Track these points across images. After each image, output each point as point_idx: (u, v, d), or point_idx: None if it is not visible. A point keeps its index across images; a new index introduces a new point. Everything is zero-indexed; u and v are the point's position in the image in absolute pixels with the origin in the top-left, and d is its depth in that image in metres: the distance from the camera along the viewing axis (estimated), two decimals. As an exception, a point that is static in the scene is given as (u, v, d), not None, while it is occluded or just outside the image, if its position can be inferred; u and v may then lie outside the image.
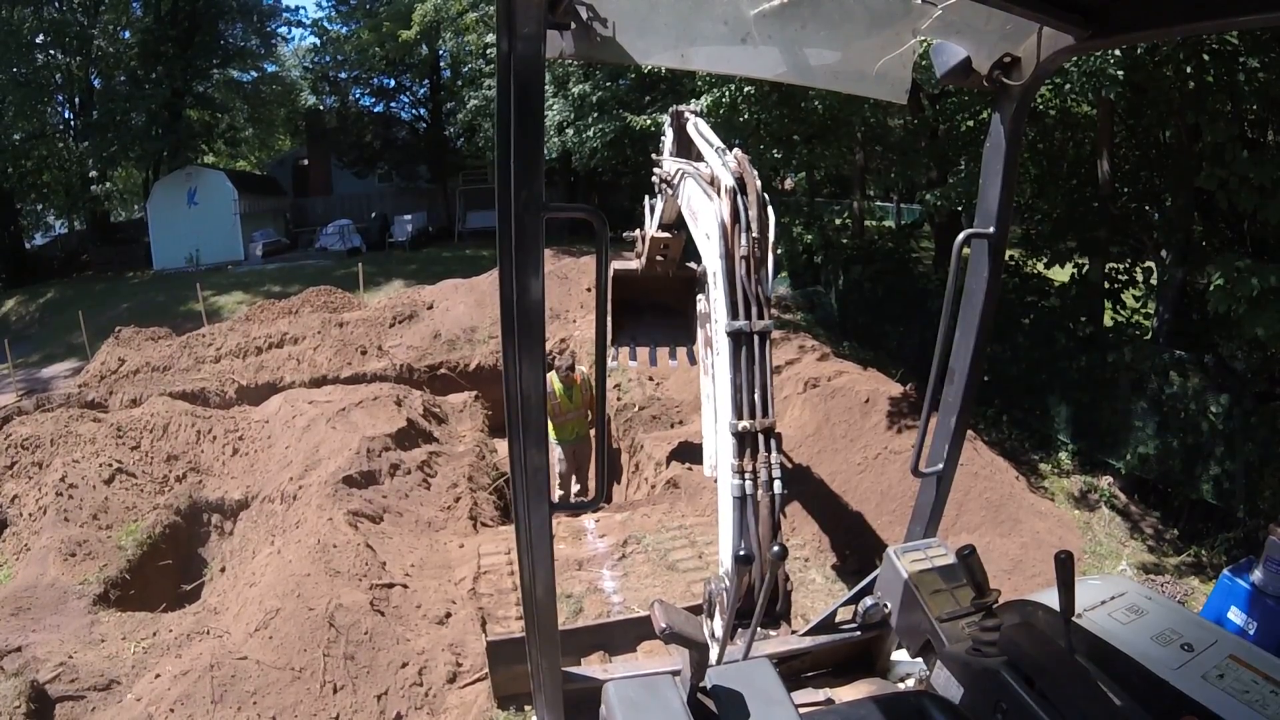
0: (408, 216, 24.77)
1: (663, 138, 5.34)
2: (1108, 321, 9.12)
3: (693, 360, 6.23)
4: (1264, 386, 6.83)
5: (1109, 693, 1.74)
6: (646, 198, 5.55)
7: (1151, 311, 8.82)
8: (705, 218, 3.43)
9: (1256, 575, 4.05)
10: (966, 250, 2.35)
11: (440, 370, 11.09)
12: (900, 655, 2.66)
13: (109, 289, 21.76)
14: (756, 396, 3.02)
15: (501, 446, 8.31)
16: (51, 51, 23.15)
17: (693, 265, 5.73)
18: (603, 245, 1.62)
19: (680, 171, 4.02)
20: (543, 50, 1.41)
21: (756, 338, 3.06)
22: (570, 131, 15.71)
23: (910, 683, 2.63)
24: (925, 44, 2.14)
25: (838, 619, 2.78)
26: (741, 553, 2.26)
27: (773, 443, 2.99)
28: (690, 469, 6.83)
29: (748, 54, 1.99)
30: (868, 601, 2.54)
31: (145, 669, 4.59)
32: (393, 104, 28.32)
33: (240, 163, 32.34)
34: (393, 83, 27.42)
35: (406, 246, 23.68)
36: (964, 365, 2.41)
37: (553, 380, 7.02)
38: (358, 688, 4.20)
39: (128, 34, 24.20)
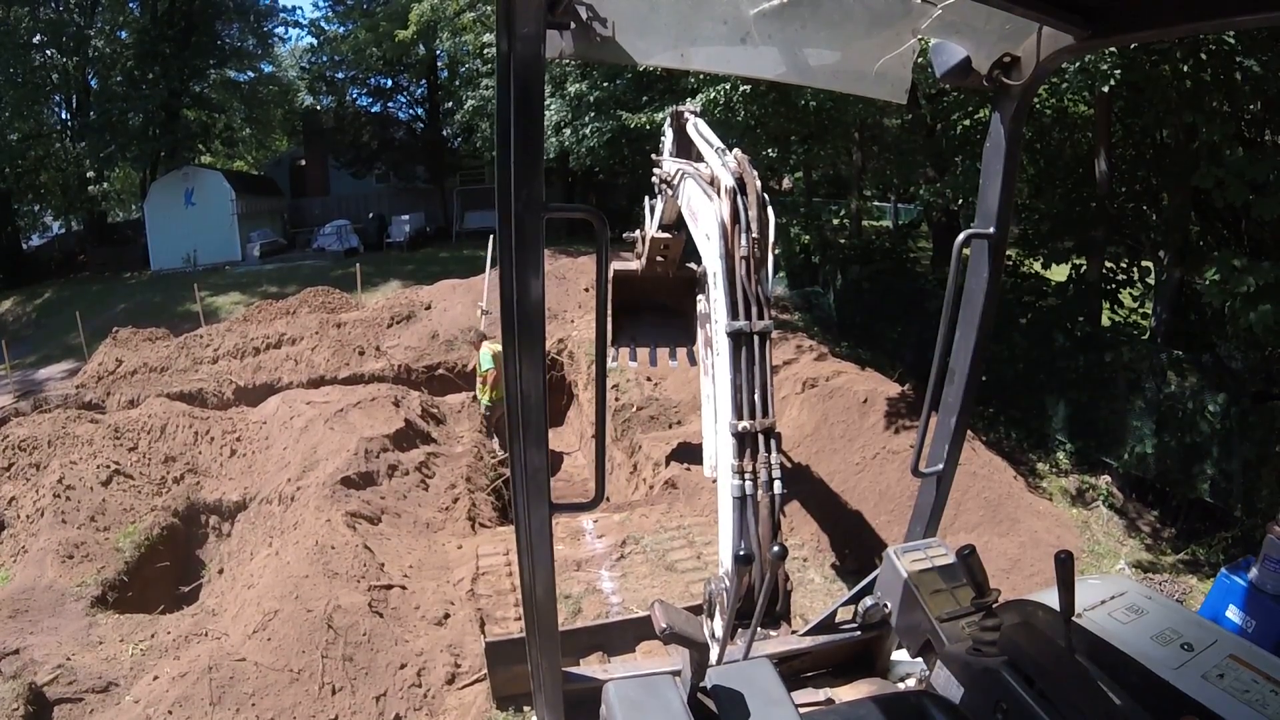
0: (405, 217, 24.64)
1: (662, 138, 5.34)
2: (1105, 321, 9.12)
3: (693, 361, 6.23)
4: (1261, 386, 6.84)
5: (1109, 693, 1.74)
6: (646, 198, 5.54)
7: (1149, 311, 8.82)
8: (705, 218, 3.43)
9: (1254, 574, 4.06)
10: (966, 250, 2.35)
11: (438, 371, 11.08)
12: (900, 655, 2.66)
13: (106, 289, 21.68)
14: (756, 397, 3.02)
15: (500, 447, 8.32)
16: (48, 52, 23.05)
17: (693, 266, 5.73)
18: (603, 245, 1.62)
19: (680, 172, 4.02)
20: (543, 50, 1.41)
21: (756, 338, 3.06)
22: (567, 131, 15.67)
23: (910, 683, 2.63)
24: (925, 44, 2.14)
25: (838, 619, 2.78)
26: (741, 553, 2.26)
27: (773, 443, 3.00)
28: (689, 469, 6.83)
29: (747, 54, 1.98)
30: (868, 601, 2.53)
31: (143, 671, 4.58)
32: (390, 104, 28.20)
33: (237, 163, 32.23)
34: (390, 83, 27.31)
35: (404, 247, 23.58)
36: (964, 365, 2.41)
37: (493, 348, 8.34)
38: (356, 689, 4.20)
39: (124, 34, 24.10)
